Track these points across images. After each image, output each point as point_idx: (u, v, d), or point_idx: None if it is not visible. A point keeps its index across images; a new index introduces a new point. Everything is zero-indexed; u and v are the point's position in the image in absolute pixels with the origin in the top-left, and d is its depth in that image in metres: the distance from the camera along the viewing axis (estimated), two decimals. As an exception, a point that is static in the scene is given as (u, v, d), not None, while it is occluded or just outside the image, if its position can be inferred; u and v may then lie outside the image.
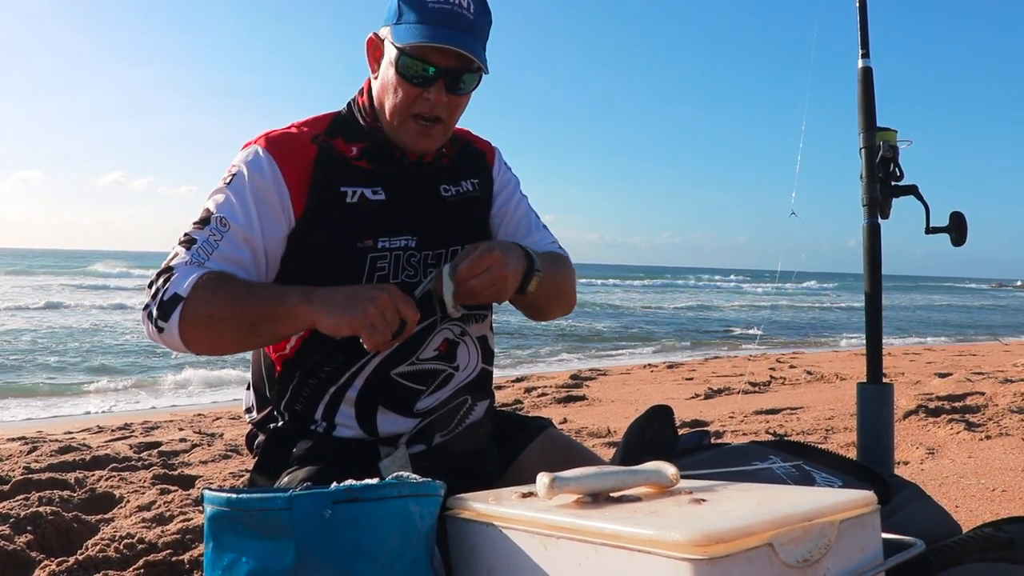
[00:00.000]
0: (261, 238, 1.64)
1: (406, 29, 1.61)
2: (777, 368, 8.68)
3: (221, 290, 1.53)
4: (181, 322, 1.52)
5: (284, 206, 1.65)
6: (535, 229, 1.94)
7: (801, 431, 4.67)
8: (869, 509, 1.18)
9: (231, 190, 1.65)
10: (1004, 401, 5.33)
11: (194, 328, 1.53)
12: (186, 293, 1.52)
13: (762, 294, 37.93)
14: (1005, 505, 3.10)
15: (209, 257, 1.59)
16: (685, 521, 1.04)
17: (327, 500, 1.15)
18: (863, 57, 2.40)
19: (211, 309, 1.52)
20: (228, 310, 1.52)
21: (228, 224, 1.61)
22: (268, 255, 1.66)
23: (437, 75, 1.63)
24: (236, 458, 4.25)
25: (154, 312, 1.54)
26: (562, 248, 1.97)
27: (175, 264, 1.58)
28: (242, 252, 1.62)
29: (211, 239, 1.60)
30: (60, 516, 2.76)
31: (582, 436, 4.74)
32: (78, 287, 27.57)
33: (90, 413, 7.02)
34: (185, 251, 1.60)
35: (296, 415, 1.72)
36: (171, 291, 1.53)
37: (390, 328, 1.48)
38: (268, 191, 1.64)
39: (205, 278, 1.53)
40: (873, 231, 2.34)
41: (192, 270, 1.56)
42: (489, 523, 1.22)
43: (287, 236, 1.66)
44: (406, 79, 1.64)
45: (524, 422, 1.95)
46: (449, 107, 1.67)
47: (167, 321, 1.53)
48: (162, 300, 1.53)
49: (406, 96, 1.65)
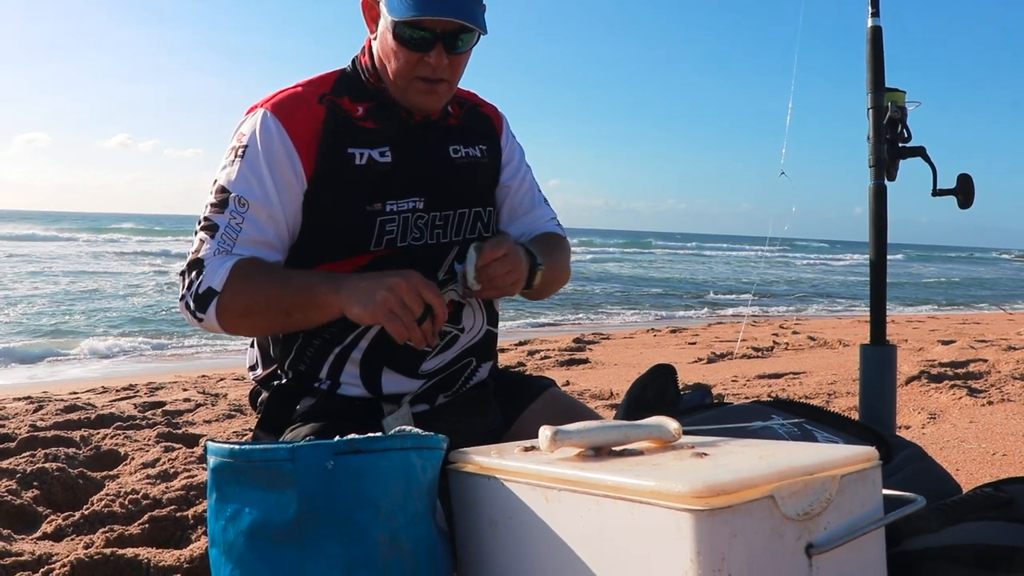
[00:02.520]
0: (281, 210, 1.64)
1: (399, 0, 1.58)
2: (780, 333, 8.68)
3: (253, 281, 1.57)
4: (219, 314, 1.58)
5: (296, 171, 1.64)
6: (537, 204, 1.96)
7: (803, 395, 4.68)
8: (870, 464, 1.19)
9: (245, 164, 1.63)
10: (1007, 368, 5.34)
11: (231, 318, 1.59)
12: (220, 287, 1.56)
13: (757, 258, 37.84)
14: (1005, 468, 3.12)
15: (235, 243, 1.61)
16: (687, 473, 1.04)
17: (330, 451, 1.16)
18: (873, 16, 2.37)
19: (246, 301, 1.57)
20: (263, 302, 1.57)
21: (247, 203, 1.61)
22: (289, 224, 1.66)
23: (435, 38, 1.61)
24: (240, 417, 4.28)
25: (191, 304, 1.59)
26: (560, 225, 1.99)
27: (204, 255, 1.60)
28: (265, 231, 1.63)
29: (232, 223, 1.61)
30: (66, 472, 2.78)
31: (584, 398, 4.76)
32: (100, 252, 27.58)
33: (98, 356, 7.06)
34: (210, 239, 1.61)
35: (300, 374, 1.73)
36: (205, 284, 1.57)
37: (412, 315, 1.49)
38: (280, 159, 1.63)
39: (236, 270, 1.57)
40: (879, 192, 2.33)
41: (222, 261, 1.58)
42: (491, 476, 1.23)
43: (302, 199, 1.66)
44: (404, 45, 1.62)
45: (527, 382, 1.95)
46: (451, 67, 1.66)
47: (205, 313, 1.58)
48: (197, 293, 1.58)
49: (407, 61, 1.64)
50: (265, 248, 1.63)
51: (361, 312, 1.51)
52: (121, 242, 31.74)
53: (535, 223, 1.92)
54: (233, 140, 1.68)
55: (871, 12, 2.38)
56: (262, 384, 1.82)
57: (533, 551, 1.17)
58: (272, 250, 1.64)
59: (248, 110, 1.70)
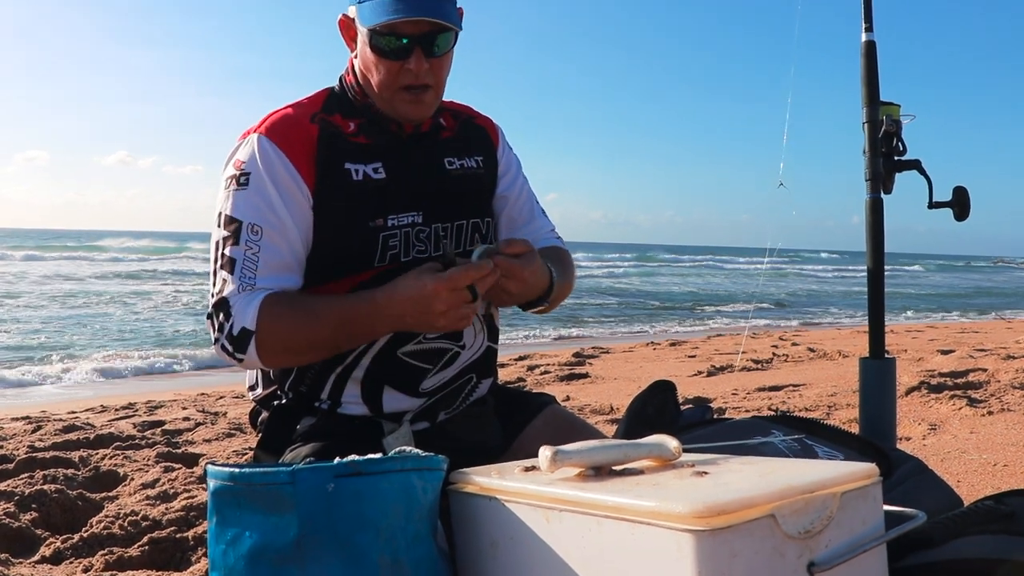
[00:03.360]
0: (295, 229, 1.63)
1: (371, 8, 1.60)
2: (780, 345, 8.68)
3: (287, 319, 1.57)
4: (260, 353, 1.58)
5: (301, 189, 1.63)
6: (536, 216, 1.95)
7: (803, 408, 4.68)
8: (871, 481, 1.18)
9: (251, 190, 1.62)
10: (1006, 377, 5.34)
11: (274, 356, 1.61)
12: (253, 326, 1.56)
13: (756, 271, 37.94)
14: (1007, 480, 3.11)
15: (256, 275, 1.59)
16: (687, 493, 1.04)
17: (330, 474, 1.16)
18: (866, 31, 2.38)
19: (285, 340, 1.58)
20: (304, 342, 1.59)
21: (260, 229, 1.60)
22: (304, 240, 1.65)
23: (411, 43, 1.61)
24: (240, 436, 4.27)
25: (228, 347, 1.59)
26: (560, 238, 1.99)
27: (228, 294, 1.59)
28: (282, 254, 1.62)
29: (249, 253, 1.60)
30: (64, 494, 2.77)
31: (585, 413, 4.75)
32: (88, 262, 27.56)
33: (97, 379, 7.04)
34: (230, 275, 1.60)
35: (301, 395, 1.72)
36: (237, 326, 1.56)
37: (468, 301, 1.52)
38: (284, 178, 1.62)
39: (266, 309, 1.56)
40: (876, 206, 2.33)
41: (248, 299, 1.57)
42: (492, 497, 1.23)
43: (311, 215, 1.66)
44: (383, 55, 1.63)
45: (527, 398, 1.95)
46: (432, 72, 1.66)
47: (245, 353, 1.58)
48: (232, 335, 1.57)
49: (388, 71, 1.64)
50: (285, 272, 1.63)
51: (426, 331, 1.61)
52: (123, 260, 31.72)
53: (535, 234, 1.91)
54: (230, 168, 1.66)
55: (864, 27, 2.39)
56: (262, 404, 1.82)
57: (534, 572, 1.16)
58: (292, 272, 1.64)
59: (240, 136, 1.69)
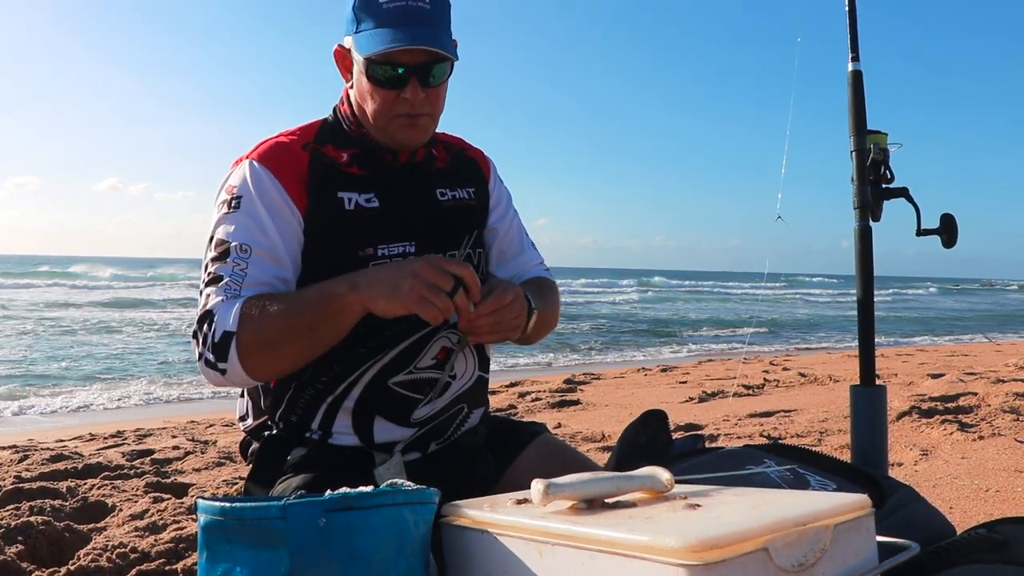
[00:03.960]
0: (285, 249, 1.63)
1: (367, 37, 1.60)
2: (771, 370, 8.69)
3: (267, 311, 1.53)
4: (240, 356, 1.52)
5: (292, 211, 1.64)
6: (525, 248, 1.96)
7: (795, 433, 4.68)
8: (864, 512, 1.18)
9: (242, 212, 1.62)
10: (996, 401, 5.35)
11: (255, 357, 1.53)
12: (234, 327, 1.52)
13: (754, 298, 38.07)
14: (999, 505, 3.11)
15: (241, 287, 1.58)
16: (680, 527, 1.04)
17: (321, 508, 1.15)
18: (853, 60, 2.41)
19: (266, 333, 1.52)
20: (283, 327, 1.52)
21: (249, 248, 1.60)
22: (294, 261, 1.65)
23: (408, 73, 1.62)
24: (230, 465, 4.24)
25: (210, 357, 1.54)
26: (547, 270, 2.00)
27: (212, 306, 1.57)
28: (270, 271, 1.61)
29: (237, 269, 1.59)
30: (52, 526, 2.74)
31: (576, 441, 4.74)
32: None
33: (88, 407, 6.98)
34: (216, 290, 1.59)
35: (291, 425, 1.72)
36: (219, 331, 1.53)
37: (442, 294, 1.47)
38: (276, 201, 1.63)
39: (247, 306, 1.54)
40: (864, 234, 2.35)
41: (231, 304, 1.55)
42: (484, 530, 1.22)
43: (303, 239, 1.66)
44: (379, 84, 1.63)
45: (518, 428, 1.95)
46: (428, 101, 1.67)
47: (226, 361, 1.53)
48: (214, 343, 1.53)
49: (384, 100, 1.65)
50: (270, 288, 1.61)
51: (388, 304, 1.47)
52: (110, 288, 31.59)
53: (524, 266, 1.93)
54: (222, 194, 1.67)
55: (851, 56, 2.42)
56: (252, 435, 1.81)
57: (527, 606, 1.15)
58: (279, 289, 1.63)
59: (233, 163, 1.70)
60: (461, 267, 1.52)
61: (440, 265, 1.49)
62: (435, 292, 1.46)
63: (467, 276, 1.52)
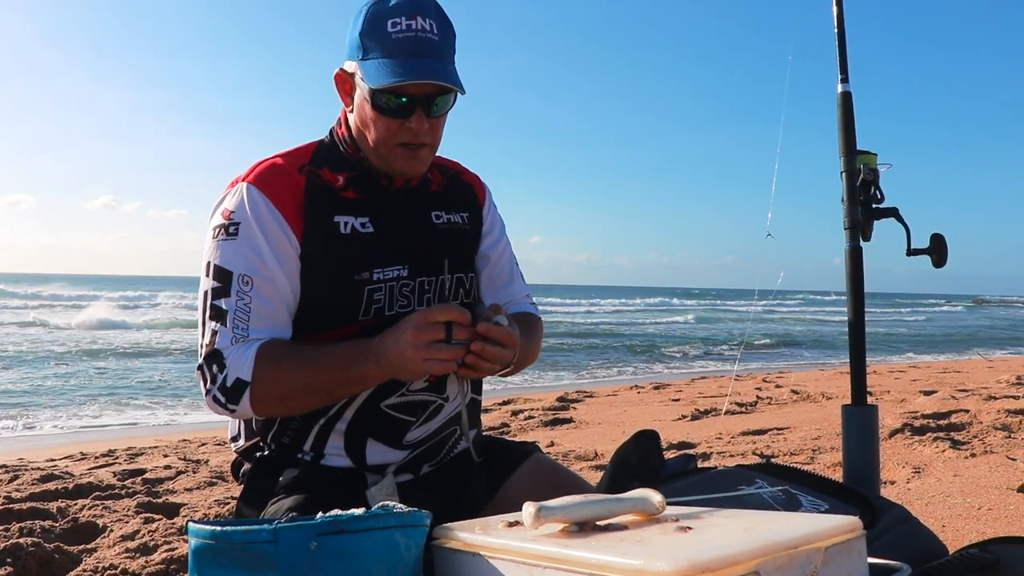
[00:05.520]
0: (285, 279, 1.63)
1: (375, 67, 1.58)
2: (763, 388, 8.69)
3: (285, 367, 1.56)
4: (253, 404, 1.58)
5: (289, 238, 1.63)
6: (514, 279, 1.97)
7: (788, 451, 4.68)
8: (855, 535, 1.18)
9: (240, 240, 1.61)
10: (988, 418, 5.37)
11: (267, 407, 1.60)
12: (250, 377, 1.55)
13: (748, 314, 38.13)
14: (991, 524, 3.11)
15: (248, 326, 1.59)
16: (671, 550, 1.04)
17: (313, 532, 1.15)
18: (842, 82, 2.42)
19: (282, 389, 1.57)
20: (301, 387, 1.57)
21: (251, 280, 1.60)
22: (294, 290, 1.65)
23: (413, 103, 1.61)
24: (221, 485, 4.22)
25: (220, 397, 1.58)
26: (534, 304, 2.02)
27: (220, 346, 1.58)
28: (274, 305, 1.62)
29: (241, 304, 1.60)
30: (41, 547, 2.72)
31: (569, 459, 4.73)
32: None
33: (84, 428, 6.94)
34: (222, 327, 1.59)
35: (284, 446, 1.71)
36: (232, 376, 1.56)
37: (442, 343, 1.49)
38: (273, 228, 1.62)
39: (262, 357, 1.56)
40: (855, 254, 2.36)
41: (243, 349, 1.57)
42: (476, 553, 1.22)
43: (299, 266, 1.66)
44: (383, 113, 1.62)
45: (511, 447, 1.95)
46: (431, 131, 1.67)
47: (238, 405, 1.58)
48: (226, 387, 1.57)
49: (387, 129, 1.64)
50: (278, 323, 1.62)
51: (409, 378, 1.58)
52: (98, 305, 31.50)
53: (512, 297, 1.94)
54: (218, 217, 1.65)
55: (840, 78, 2.43)
56: (244, 455, 1.80)
57: (519, 630, 1.15)
58: (283, 323, 1.64)
59: (228, 185, 1.69)
60: (446, 312, 1.51)
61: (426, 321, 1.49)
62: (435, 349, 1.49)
63: (455, 317, 1.51)
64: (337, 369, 1.56)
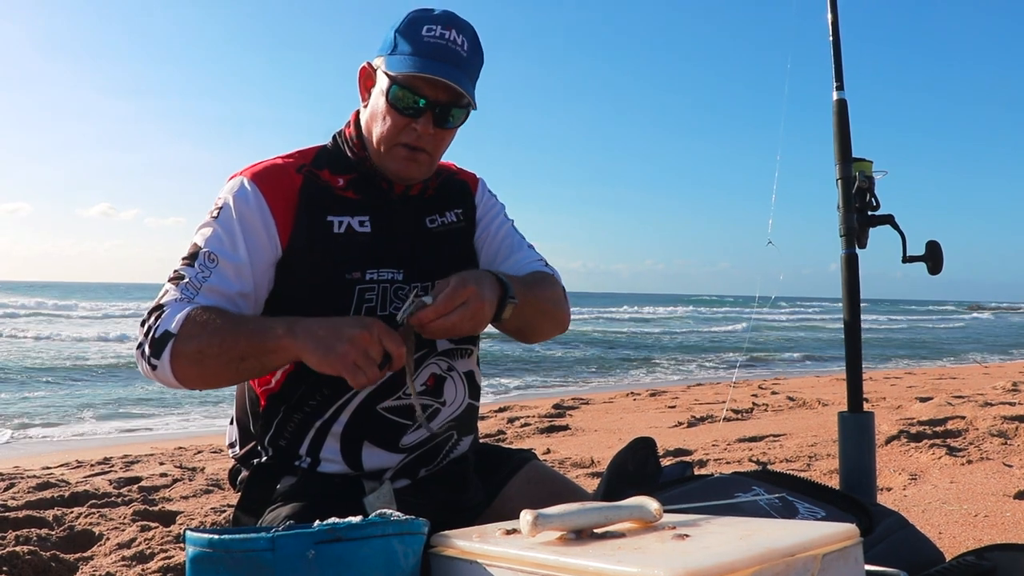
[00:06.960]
0: (250, 268, 1.64)
1: (400, 59, 1.63)
2: (759, 394, 8.70)
3: (210, 325, 1.53)
4: (172, 359, 1.53)
5: (271, 235, 1.65)
6: (519, 248, 1.92)
7: (784, 458, 4.68)
8: (852, 542, 1.19)
9: (218, 223, 1.65)
10: (984, 425, 5.37)
11: (185, 364, 1.54)
12: (175, 329, 1.53)
13: (744, 321, 38.19)
14: (988, 531, 3.12)
15: (198, 292, 1.60)
16: (668, 558, 1.04)
17: (310, 540, 1.15)
18: (838, 90, 2.44)
19: (200, 345, 1.52)
20: (217, 345, 1.52)
21: (216, 259, 1.62)
22: (258, 284, 1.66)
23: (426, 107, 1.65)
24: (218, 493, 4.21)
25: (147, 350, 1.55)
26: (549, 266, 1.93)
27: (165, 301, 1.59)
28: (231, 284, 1.63)
29: (199, 274, 1.61)
30: (38, 555, 2.72)
31: (565, 467, 4.73)
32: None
33: (83, 435, 6.92)
34: (175, 288, 1.61)
35: (280, 450, 1.71)
36: (161, 328, 1.54)
37: (374, 364, 1.46)
38: (254, 220, 1.65)
39: (194, 313, 1.54)
40: (851, 261, 2.36)
41: (182, 306, 1.57)
42: (473, 561, 1.22)
43: (275, 264, 1.67)
44: (396, 108, 1.66)
45: (507, 454, 1.95)
46: (435, 140, 1.69)
47: (159, 359, 1.54)
48: (154, 338, 1.55)
49: (394, 125, 1.67)
50: (227, 300, 1.62)
51: (319, 362, 1.46)
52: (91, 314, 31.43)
53: (518, 264, 1.88)
54: (212, 205, 1.70)
55: (836, 86, 2.44)
56: (241, 462, 1.81)
57: (517, 638, 1.15)
58: (233, 305, 1.63)
59: (229, 177, 1.73)
60: (396, 345, 1.47)
61: (382, 336, 1.46)
62: (368, 362, 1.45)
63: (396, 356, 1.47)
64: (253, 333, 1.52)
